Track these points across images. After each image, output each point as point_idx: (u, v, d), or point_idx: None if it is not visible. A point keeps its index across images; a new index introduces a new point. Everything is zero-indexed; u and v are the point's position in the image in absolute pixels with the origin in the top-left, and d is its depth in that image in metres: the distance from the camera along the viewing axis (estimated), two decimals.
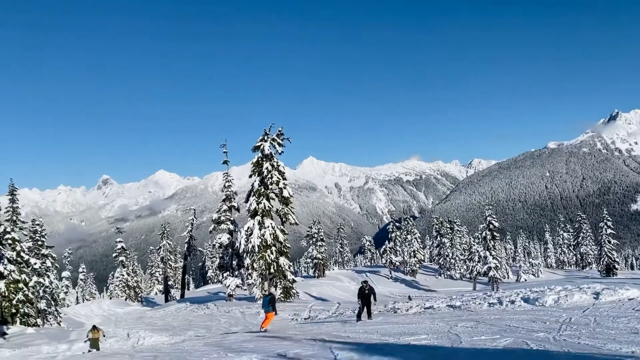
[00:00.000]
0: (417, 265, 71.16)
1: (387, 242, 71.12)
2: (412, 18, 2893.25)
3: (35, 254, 35.72)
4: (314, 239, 67.99)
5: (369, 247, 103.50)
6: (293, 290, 34.33)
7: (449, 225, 74.61)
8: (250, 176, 34.95)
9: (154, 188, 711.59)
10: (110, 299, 62.73)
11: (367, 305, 18.45)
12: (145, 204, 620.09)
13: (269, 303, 18.74)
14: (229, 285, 38.22)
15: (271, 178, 33.74)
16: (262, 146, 34.05)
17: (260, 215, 33.03)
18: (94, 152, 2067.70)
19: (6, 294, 27.67)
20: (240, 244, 33.87)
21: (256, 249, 32.21)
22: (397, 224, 75.79)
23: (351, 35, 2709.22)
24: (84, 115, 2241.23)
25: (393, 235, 71.77)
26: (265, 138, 34.20)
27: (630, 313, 12.60)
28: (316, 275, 65.09)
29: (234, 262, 39.27)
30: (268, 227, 32.85)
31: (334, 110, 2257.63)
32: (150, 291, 78.08)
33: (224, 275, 39.35)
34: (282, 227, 34.28)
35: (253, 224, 32.92)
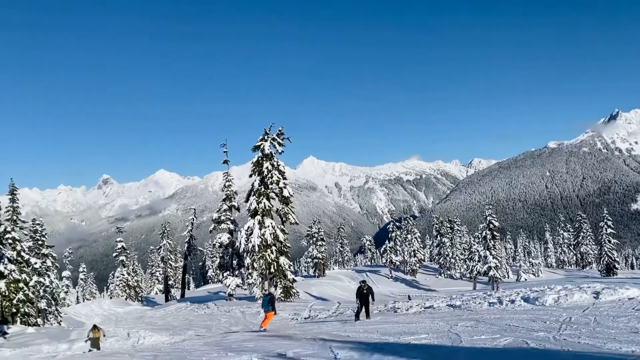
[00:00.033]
0: (417, 265, 71.20)
1: (387, 242, 71.22)
2: (412, 18, 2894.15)
3: (36, 253, 35.76)
4: (314, 239, 68.04)
5: (369, 246, 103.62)
6: (293, 290, 34.34)
7: (449, 225, 74.64)
8: (250, 176, 34.97)
9: (154, 188, 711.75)
10: (111, 298, 62.77)
11: (366, 305, 18.62)
12: (145, 203, 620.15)
13: (268, 303, 18.84)
14: (229, 285, 38.24)
15: (271, 178, 33.74)
16: (262, 146, 34.05)
17: (261, 214, 33.04)
18: (94, 152, 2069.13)
19: (6, 294, 27.69)
20: (240, 244, 33.88)
21: (256, 249, 32.22)
22: (397, 224, 75.89)
23: (351, 35, 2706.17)
24: (84, 115, 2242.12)
25: (393, 234, 71.86)
26: (266, 137, 34.19)
27: (630, 312, 12.60)
28: (316, 274, 65.15)
29: (234, 262, 39.30)
30: (268, 226, 32.87)
31: (334, 110, 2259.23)
32: (150, 291, 78.16)
33: (224, 274, 39.38)
34: (282, 226, 34.30)
35: (253, 224, 32.94)
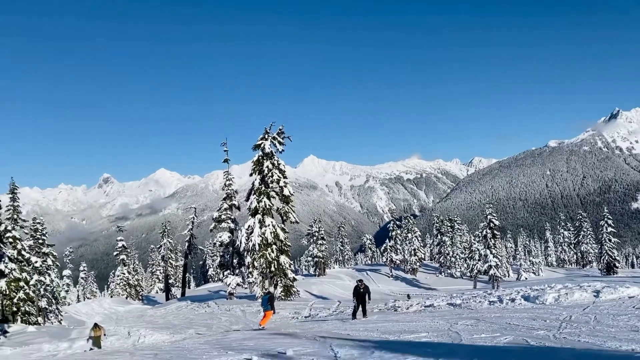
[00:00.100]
0: (418, 264, 71.21)
1: (387, 241, 71.25)
2: (412, 18, 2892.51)
3: (36, 252, 35.75)
4: (314, 238, 68.04)
5: (369, 245, 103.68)
6: (294, 289, 34.35)
7: (449, 224, 74.65)
8: (250, 175, 34.96)
9: (155, 187, 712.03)
10: (111, 297, 62.78)
11: (362, 304, 18.83)
12: (146, 202, 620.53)
13: (267, 302, 18.93)
14: (230, 284, 38.27)
15: (272, 176, 33.73)
16: (262, 145, 34.04)
17: (261, 213, 33.04)
18: (95, 151, 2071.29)
19: (7, 293, 27.71)
20: (241, 243, 33.89)
21: (257, 248, 32.23)
22: (397, 223, 75.90)
23: (351, 35, 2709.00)
24: (84, 115, 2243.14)
25: (393, 233, 71.87)
26: (266, 136, 34.17)
27: (630, 311, 12.61)
28: (317, 273, 65.17)
29: (235, 261, 39.31)
30: (269, 225, 32.87)
31: (335, 109, 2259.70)
32: (151, 289, 78.18)
33: (225, 273, 39.41)
34: (282, 225, 34.28)
35: (254, 223, 32.94)
